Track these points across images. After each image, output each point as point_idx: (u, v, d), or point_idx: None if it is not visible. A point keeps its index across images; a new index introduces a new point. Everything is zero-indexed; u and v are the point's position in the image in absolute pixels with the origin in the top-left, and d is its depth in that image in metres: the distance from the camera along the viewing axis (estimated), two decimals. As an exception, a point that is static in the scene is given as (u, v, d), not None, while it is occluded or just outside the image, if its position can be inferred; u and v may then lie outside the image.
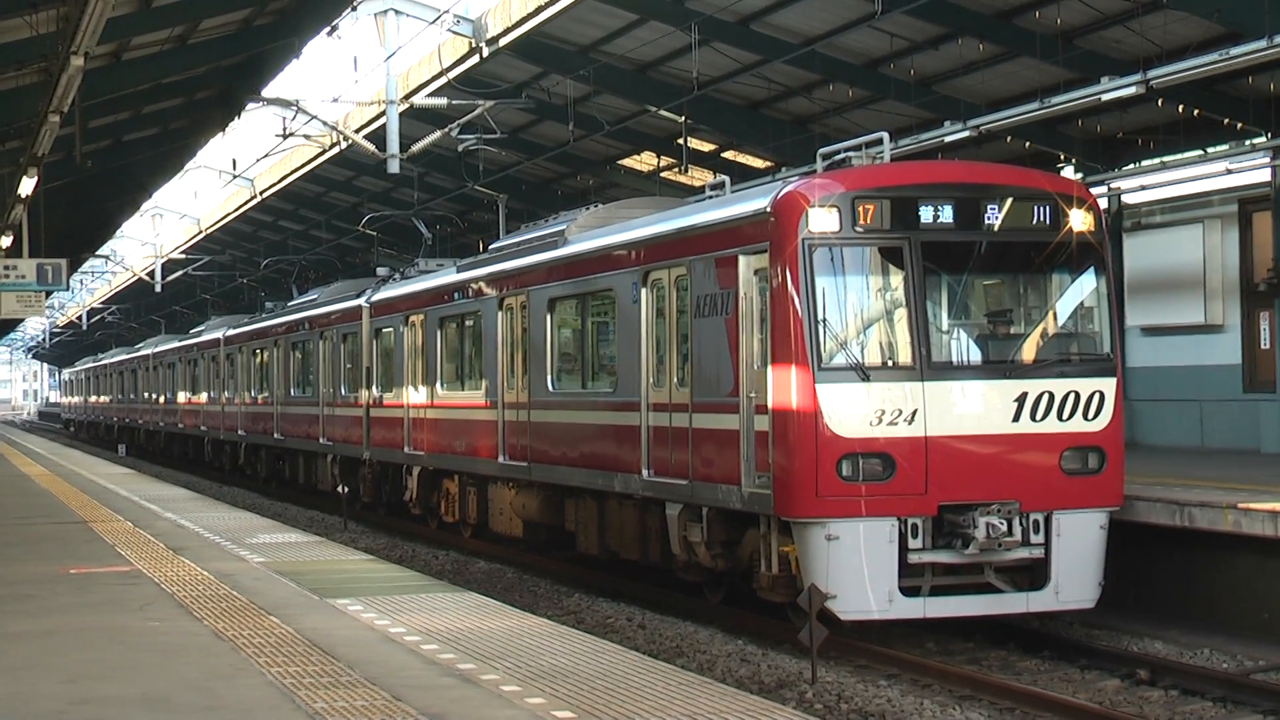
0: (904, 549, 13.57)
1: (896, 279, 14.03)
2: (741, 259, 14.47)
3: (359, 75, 32.70)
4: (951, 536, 13.74)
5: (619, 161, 36.98)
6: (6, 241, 29.60)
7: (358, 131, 33.87)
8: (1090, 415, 14.15)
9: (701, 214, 15.83)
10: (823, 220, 13.75)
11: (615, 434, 17.06)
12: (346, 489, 27.32)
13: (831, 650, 13.71)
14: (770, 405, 13.84)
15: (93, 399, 74.88)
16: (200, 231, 57.20)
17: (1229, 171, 24.16)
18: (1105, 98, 21.62)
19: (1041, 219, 14.33)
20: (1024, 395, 13.98)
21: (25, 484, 27.16)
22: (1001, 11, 23.56)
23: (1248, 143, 24.10)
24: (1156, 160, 25.87)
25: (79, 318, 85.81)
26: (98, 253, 55.88)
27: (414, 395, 24.67)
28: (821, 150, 15.61)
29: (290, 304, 36.88)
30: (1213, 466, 19.92)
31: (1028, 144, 26.54)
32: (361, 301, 28.07)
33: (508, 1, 27.66)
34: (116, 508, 21.13)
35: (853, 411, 13.57)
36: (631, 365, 16.72)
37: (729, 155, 33.98)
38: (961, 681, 13.06)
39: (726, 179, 17.57)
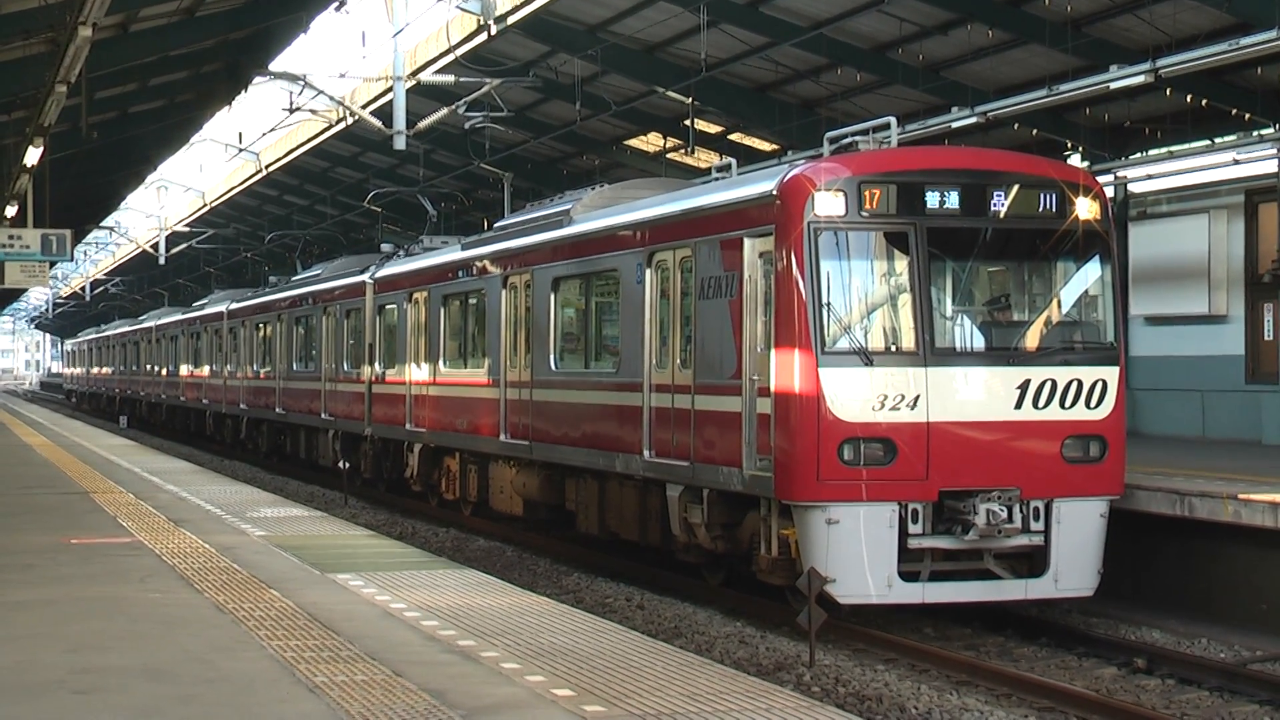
0: (904, 534, 13.59)
1: (901, 264, 14.02)
2: (747, 241, 14.47)
3: (366, 51, 32.69)
4: (951, 522, 13.76)
5: (625, 142, 36.95)
6: (11, 211, 29.58)
7: (364, 107, 33.85)
8: (1092, 404, 14.16)
9: (707, 196, 15.83)
10: (828, 204, 13.74)
11: (617, 414, 17.07)
12: (347, 465, 27.35)
13: (830, 634, 13.74)
14: (773, 388, 13.85)
15: (95, 370, 74.91)
16: (205, 205, 57.19)
17: (1236, 162, 24.16)
18: (1113, 86, 21.63)
19: (1047, 207, 14.32)
20: (1027, 382, 13.98)
21: (27, 454, 27.20)
22: (1011, -2, 23.54)
23: (1255, 133, 24.09)
24: (1163, 149, 25.87)
25: (82, 289, 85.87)
26: (102, 224, 55.84)
27: (416, 372, 24.69)
28: (828, 134, 15.60)
29: (294, 279, 36.89)
30: (1214, 457, 19.93)
31: (1035, 131, 26.53)
32: (365, 277, 28.07)
33: (516, -21, 27.62)
34: (118, 479, 21.16)
35: (855, 396, 13.58)
36: (634, 346, 16.72)
37: (735, 137, 33.96)
38: (959, 667, 13.09)
39: (733, 161, 17.57)
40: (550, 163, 40.23)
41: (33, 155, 22.62)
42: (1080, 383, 14.13)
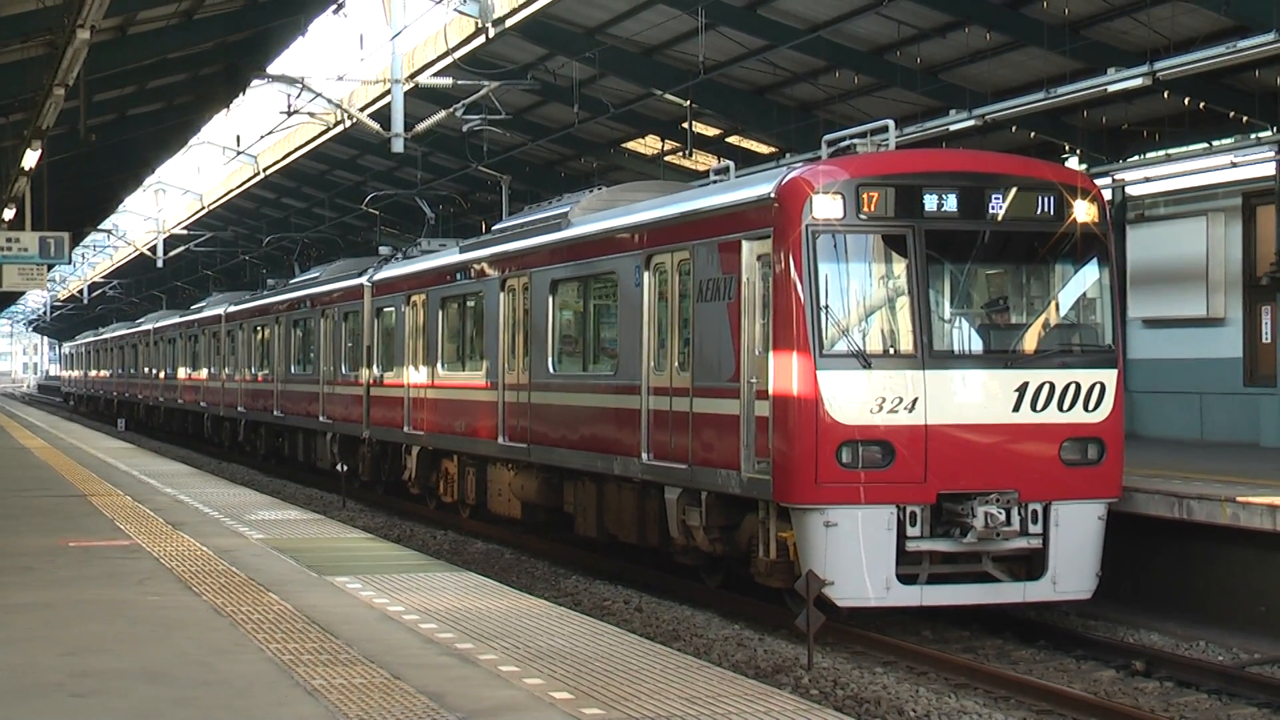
0: (902, 537, 13.58)
1: (899, 267, 14.03)
2: (745, 244, 14.47)
3: (364, 54, 32.50)
4: (950, 525, 13.76)
5: (623, 144, 36.96)
6: (9, 214, 29.58)
7: (362, 110, 33.84)
8: (1090, 406, 14.17)
9: (705, 199, 15.83)
10: (827, 207, 13.75)
11: (615, 417, 17.07)
12: (345, 467, 27.34)
13: (828, 636, 13.75)
14: (771, 391, 13.85)
15: (93, 373, 74.89)
16: (203, 207, 57.18)
17: (1234, 165, 24.16)
18: (1111, 89, 21.63)
19: (1045, 209, 14.33)
20: (1025, 385, 13.99)
21: (24, 457, 27.19)
22: (1009, 0, 23.53)
23: (1253, 136, 24.11)
24: (1161, 152, 25.88)
25: (80, 291, 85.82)
26: (100, 227, 55.84)
27: (414, 375, 24.68)
28: (827, 136, 15.61)
29: (292, 281, 36.88)
30: (1212, 459, 19.94)
31: (1033, 134, 26.53)
32: (363, 280, 28.07)
33: (514, -18, 27.60)
34: (116, 482, 21.15)
35: (853, 398, 13.58)
36: (633, 348, 16.72)
37: (734, 140, 33.97)
38: (957, 670, 13.09)
39: (731, 164, 17.59)
40: (548, 165, 40.23)
41: (31, 158, 22.61)
42: (1078, 385, 14.14)
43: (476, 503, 22.49)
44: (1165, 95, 23.34)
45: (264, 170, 47.27)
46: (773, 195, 14.12)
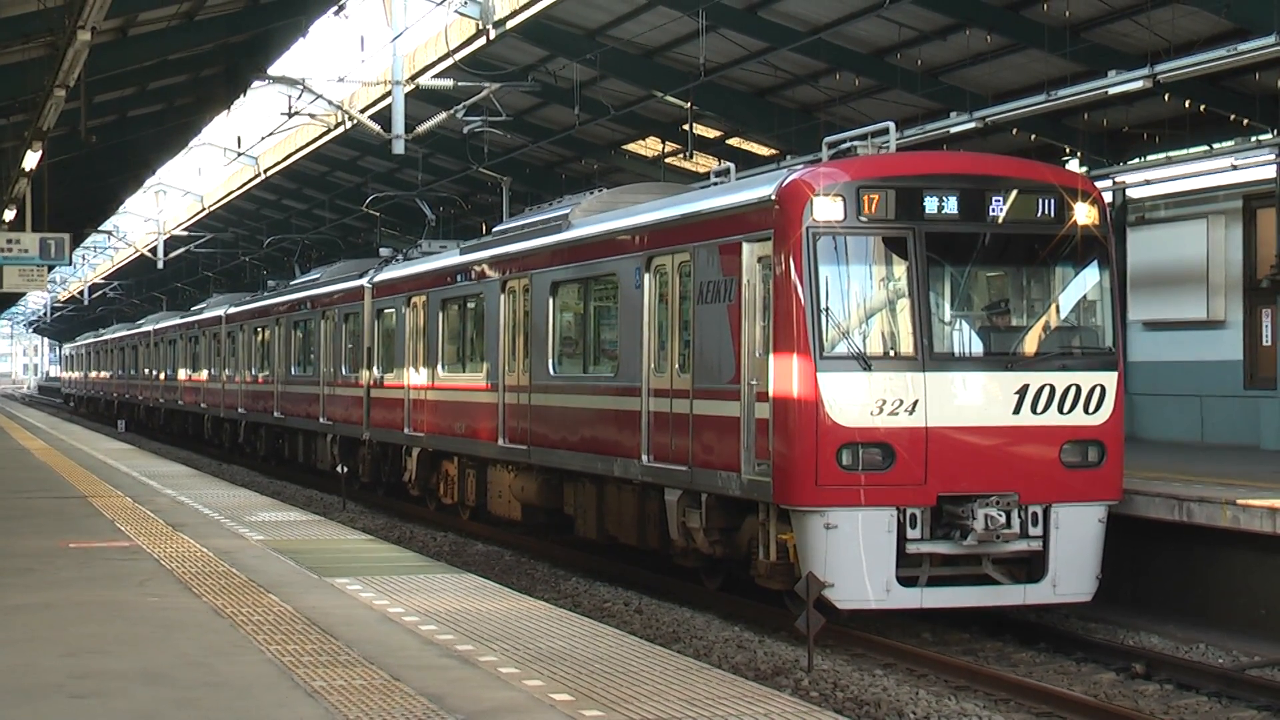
0: (902, 539, 13.59)
1: (900, 269, 14.03)
2: (745, 246, 14.48)
3: (365, 55, 32.59)
4: (950, 527, 13.76)
5: (624, 146, 36.96)
6: (10, 215, 29.58)
7: (363, 111, 33.84)
8: (1091, 409, 14.17)
9: (706, 200, 15.83)
10: (827, 209, 13.75)
11: (615, 419, 17.07)
12: (345, 469, 27.35)
13: (828, 638, 13.74)
14: (771, 393, 13.85)
15: (93, 374, 74.90)
16: (203, 209, 57.19)
17: (1234, 167, 24.15)
18: (1112, 91, 21.63)
19: (1046, 212, 14.33)
20: (1025, 387, 13.99)
21: (25, 458, 27.19)
22: (1010, 3, 23.55)
23: (1253, 139, 24.11)
24: (1162, 155, 25.89)
25: (81, 293, 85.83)
26: (100, 228, 55.83)
27: (415, 376, 24.69)
28: (827, 139, 15.62)
29: (293, 283, 36.88)
30: (1212, 462, 19.93)
31: (1033, 136, 26.54)
32: (364, 282, 28.07)
33: (515, -16, 27.61)
34: (116, 483, 21.15)
35: (853, 401, 13.58)
36: (633, 350, 16.73)
37: (734, 142, 33.97)
38: (957, 672, 13.09)
39: (731, 166, 17.59)
40: (549, 167, 40.24)
41: (31, 159, 22.62)
42: (1078, 388, 14.13)
43: (476, 504, 22.50)
44: (1166, 98, 23.34)
45: (265, 171, 47.27)
46: (773, 197, 14.12)
